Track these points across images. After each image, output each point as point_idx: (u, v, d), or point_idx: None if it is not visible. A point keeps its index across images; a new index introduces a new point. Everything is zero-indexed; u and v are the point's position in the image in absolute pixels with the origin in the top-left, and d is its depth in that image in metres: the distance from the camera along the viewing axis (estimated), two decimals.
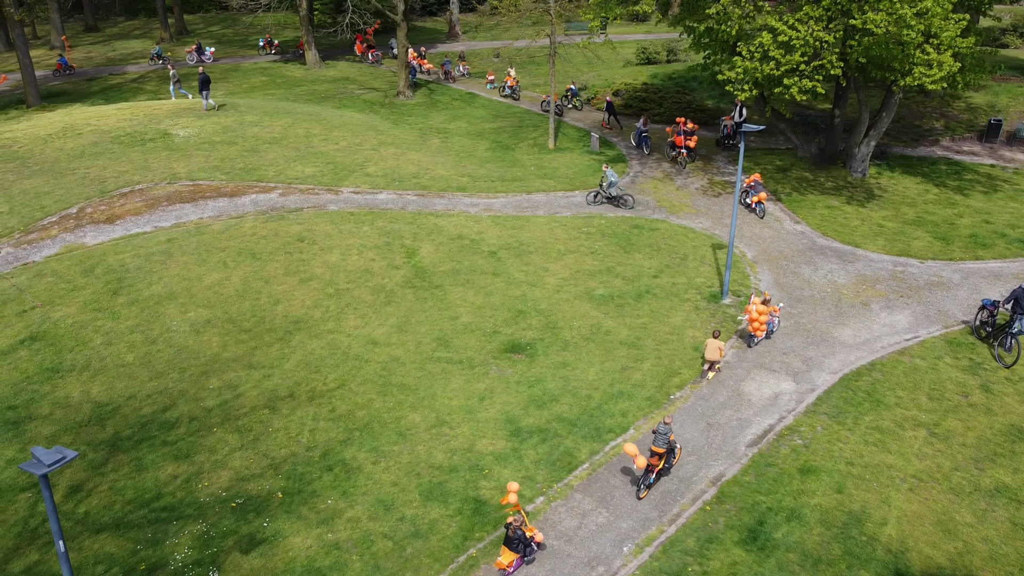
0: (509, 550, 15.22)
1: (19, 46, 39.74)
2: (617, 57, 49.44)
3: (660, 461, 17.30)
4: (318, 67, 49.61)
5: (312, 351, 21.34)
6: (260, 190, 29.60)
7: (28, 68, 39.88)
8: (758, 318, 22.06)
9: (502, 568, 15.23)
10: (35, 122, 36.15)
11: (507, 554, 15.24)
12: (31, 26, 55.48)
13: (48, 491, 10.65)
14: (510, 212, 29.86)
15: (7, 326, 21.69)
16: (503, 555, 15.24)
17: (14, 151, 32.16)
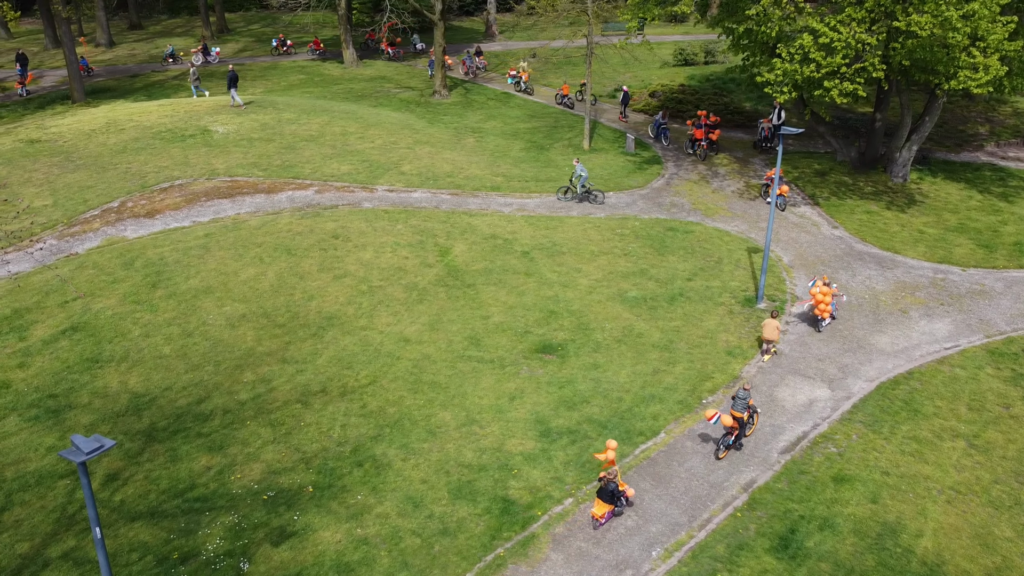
0: (603, 501, 16.33)
1: (66, 43, 40.62)
2: (654, 58, 49.12)
3: (739, 426, 18.32)
4: (355, 66, 50.00)
5: (344, 347, 21.50)
6: (296, 187, 29.91)
7: (74, 65, 40.76)
8: (823, 299, 22.56)
9: (596, 518, 16.38)
10: (80, 117, 36.91)
11: (600, 505, 16.37)
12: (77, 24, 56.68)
13: (86, 478, 10.85)
14: (544, 212, 29.82)
15: (50, 316, 22.17)
16: (597, 506, 16.39)
17: (59, 146, 32.88)
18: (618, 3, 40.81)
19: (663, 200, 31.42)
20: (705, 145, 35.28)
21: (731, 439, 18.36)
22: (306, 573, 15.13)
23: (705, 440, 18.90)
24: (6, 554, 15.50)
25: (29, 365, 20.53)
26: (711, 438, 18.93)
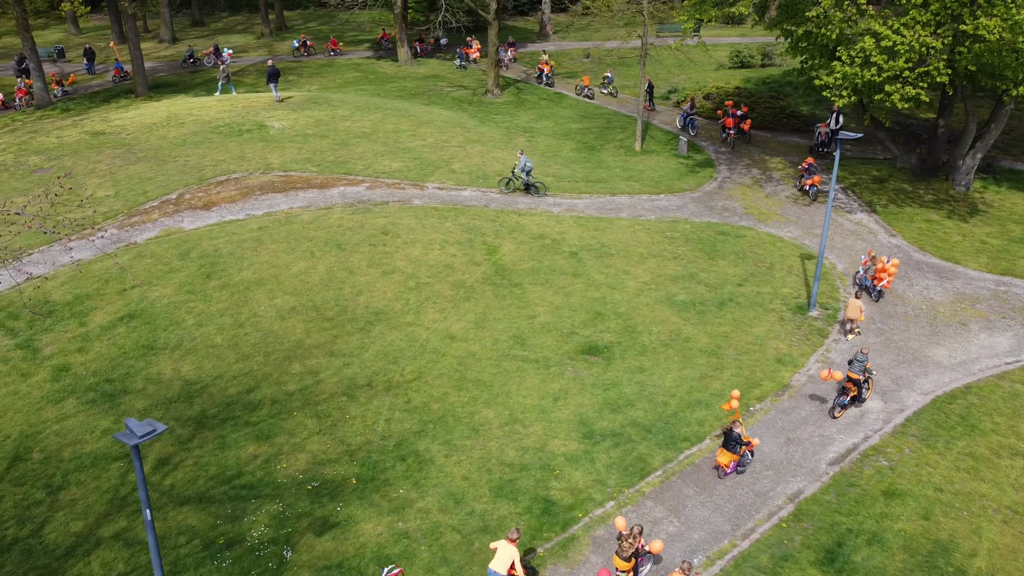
0: (727, 451, 17.18)
1: (131, 39, 41.80)
2: (710, 60, 48.52)
3: (855, 387, 19.19)
4: (410, 64, 50.43)
5: (391, 342, 21.69)
6: (348, 183, 30.28)
7: (138, 60, 41.91)
8: (888, 267, 24.11)
9: (721, 466, 17.37)
10: (142, 111, 37.94)
11: (725, 455, 17.27)
12: (142, 20, 58.28)
13: (139, 461, 11.12)
14: (593, 213, 29.67)
15: (109, 303, 22.83)
16: (721, 455, 17.31)
17: (122, 138, 33.84)
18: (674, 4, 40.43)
19: (715, 204, 31.01)
20: (734, 134, 36.56)
21: (846, 399, 19.39)
22: (347, 564, 15.30)
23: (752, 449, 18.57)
24: (61, 532, 16.00)
25: (88, 350, 21.17)
26: (757, 447, 18.59)
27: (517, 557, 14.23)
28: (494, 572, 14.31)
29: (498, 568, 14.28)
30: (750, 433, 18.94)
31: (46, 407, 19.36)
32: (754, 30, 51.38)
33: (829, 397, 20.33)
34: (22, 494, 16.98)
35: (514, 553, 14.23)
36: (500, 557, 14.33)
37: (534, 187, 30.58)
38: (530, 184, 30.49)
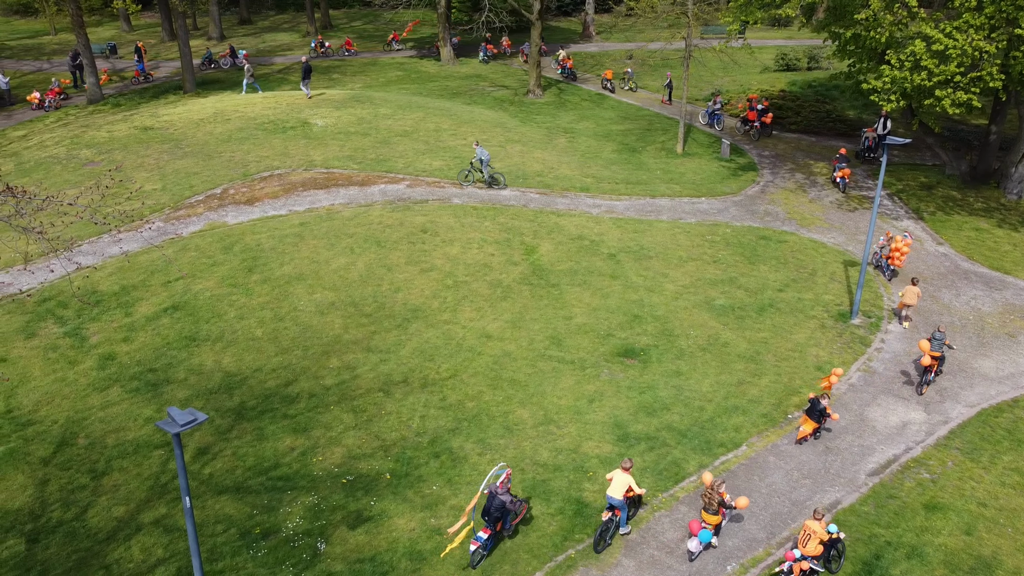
0: (810, 419, 18.24)
1: (180, 36, 42.64)
2: (754, 63, 47.93)
3: (936, 363, 20.16)
4: (452, 63, 50.67)
5: (427, 340, 21.81)
6: (389, 181, 30.52)
7: (187, 57, 42.74)
8: (900, 247, 25.21)
9: (804, 436, 18.36)
10: (190, 107, 38.68)
11: (808, 423, 18.31)
12: (191, 17, 59.41)
13: (179, 449, 11.34)
14: (632, 215, 29.51)
15: (154, 294, 23.32)
16: (805, 423, 18.35)
17: (170, 133, 34.54)
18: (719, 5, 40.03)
19: (757, 208, 30.64)
20: (758, 126, 37.87)
21: (931, 376, 20.26)
22: (380, 558, 15.42)
23: (788, 457, 18.31)
24: (104, 516, 16.38)
25: (133, 340, 21.64)
26: (794, 455, 18.33)
27: (632, 482, 15.79)
28: (612, 497, 15.76)
29: (615, 493, 15.72)
30: (787, 442, 18.68)
31: (92, 394, 19.85)
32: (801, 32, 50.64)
33: (869, 406, 19.96)
34: (67, 478, 17.42)
35: (629, 479, 15.77)
36: (616, 484, 15.80)
37: (494, 179, 30.56)
38: (492, 176, 30.51)
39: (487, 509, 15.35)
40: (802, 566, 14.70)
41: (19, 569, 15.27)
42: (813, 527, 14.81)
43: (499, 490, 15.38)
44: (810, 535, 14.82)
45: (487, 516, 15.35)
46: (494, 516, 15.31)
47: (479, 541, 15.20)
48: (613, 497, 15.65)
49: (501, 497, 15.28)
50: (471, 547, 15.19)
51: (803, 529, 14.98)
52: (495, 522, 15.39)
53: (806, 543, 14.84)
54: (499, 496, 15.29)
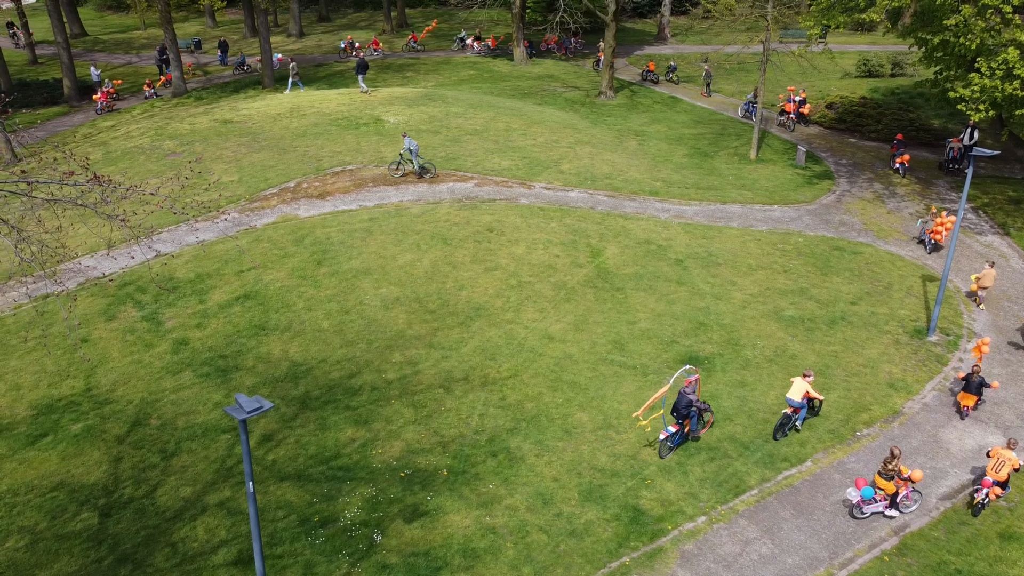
0: (968, 394, 19.20)
1: (262, 32, 43.82)
2: (835, 68, 46.62)
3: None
4: (524, 63, 50.75)
5: (489, 339, 21.87)
6: (457, 179, 30.74)
7: (267, 53, 43.90)
8: (944, 222, 26.22)
9: (965, 407, 19.29)
10: (268, 102, 39.72)
11: (967, 397, 19.24)
12: (273, 15, 60.99)
13: (245, 435, 11.62)
14: (702, 221, 29.04)
15: (227, 283, 24.01)
16: (964, 399, 19.25)
17: (248, 127, 35.53)
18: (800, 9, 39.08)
19: (831, 217, 29.78)
20: (795, 118, 39.29)
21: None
22: (434, 553, 15.53)
23: (855, 475, 17.72)
24: (172, 496, 16.94)
25: (206, 326, 22.33)
26: (862, 474, 17.73)
27: (810, 388, 18.23)
28: (791, 399, 18.27)
29: (794, 396, 18.25)
30: (855, 460, 18.11)
31: (165, 377, 20.55)
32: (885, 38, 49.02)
33: (944, 428, 19.17)
34: (139, 457, 18.08)
35: (807, 386, 18.17)
36: (795, 389, 18.29)
37: (424, 168, 30.56)
38: (422, 166, 30.53)
39: (676, 406, 17.84)
40: (996, 491, 16.46)
41: (92, 541, 15.92)
42: (1007, 455, 16.35)
43: (687, 389, 17.79)
44: (1004, 462, 16.32)
45: (675, 413, 17.86)
46: (682, 413, 17.75)
47: (668, 433, 17.66)
48: (792, 399, 18.29)
49: (688, 396, 17.69)
50: (660, 437, 17.75)
51: (996, 457, 16.49)
52: (683, 419, 17.82)
53: (999, 470, 16.34)
54: (687, 395, 17.68)
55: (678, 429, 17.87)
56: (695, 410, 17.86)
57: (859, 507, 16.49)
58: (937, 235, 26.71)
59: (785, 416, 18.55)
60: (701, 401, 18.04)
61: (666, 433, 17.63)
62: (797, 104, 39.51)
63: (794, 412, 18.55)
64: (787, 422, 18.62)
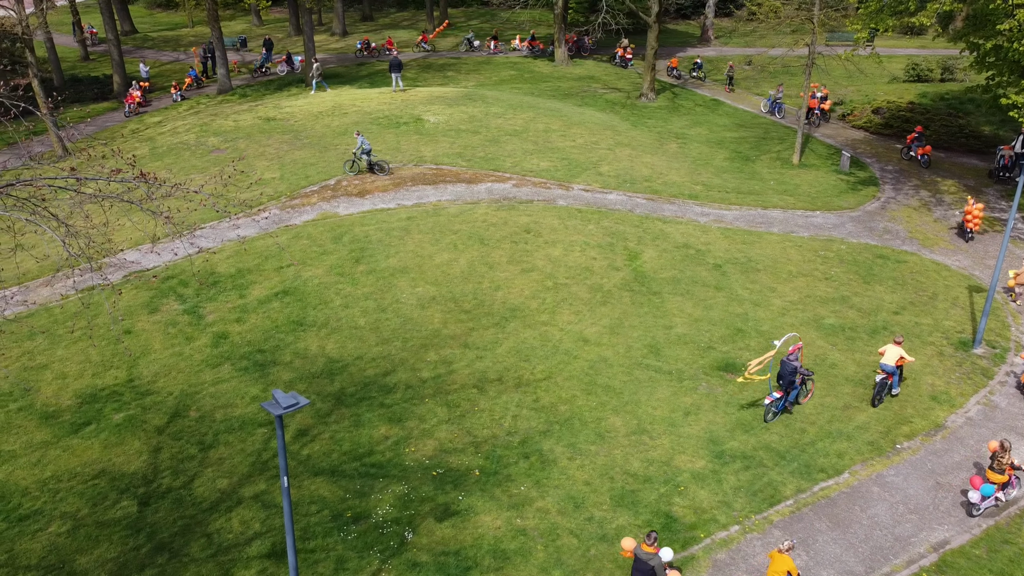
0: None
1: (306, 31, 44.38)
2: (882, 72, 45.76)
3: None
4: (565, 64, 50.64)
5: (524, 340, 21.86)
6: (496, 179, 30.78)
7: (311, 51, 44.41)
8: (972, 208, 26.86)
9: None
10: (311, 100, 40.18)
11: None
12: (317, 13, 61.70)
13: (281, 431, 11.76)
14: (742, 226, 28.69)
15: (266, 279, 24.35)
16: None
17: (290, 125, 35.98)
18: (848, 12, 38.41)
19: (875, 225, 29.22)
20: (819, 113, 40.03)
21: None
22: (465, 553, 15.57)
23: (894, 489, 17.37)
24: (209, 487, 17.22)
25: (245, 321, 22.66)
26: (901, 487, 17.36)
27: (903, 352, 19.36)
28: (885, 364, 19.32)
29: (888, 361, 19.34)
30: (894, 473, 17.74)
31: (205, 370, 20.90)
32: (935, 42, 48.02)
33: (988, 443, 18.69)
34: (178, 448, 18.42)
35: (900, 351, 19.31)
36: (889, 354, 19.39)
37: (379, 166, 30.65)
38: (373, 163, 30.61)
39: (780, 373, 18.83)
40: None
41: (131, 529, 16.25)
42: None
43: (791, 356, 18.64)
44: None
45: (781, 380, 18.87)
46: (787, 380, 18.67)
47: (772, 398, 18.66)
48: (886, 365, 19.30)
49: (793, 363, 18.53)
50: (765, 402, 18.88)
51: None
52: (787, 386, 18.70)
53: None
54: (791, 362, 18.54)
55: (782, 395, 18.87)
56: (799, 377, 18.77)
57: (977, 505, 16.61)
58: (968, 223, 27.57)
59: (881, 383, 19.42)
60: (805, 368, 19.00)
61: (771, 398, 18.68)
62: (819, 101, 40.34)
63: (887, 377, 19.44)
64: (883, 388, 19.52)
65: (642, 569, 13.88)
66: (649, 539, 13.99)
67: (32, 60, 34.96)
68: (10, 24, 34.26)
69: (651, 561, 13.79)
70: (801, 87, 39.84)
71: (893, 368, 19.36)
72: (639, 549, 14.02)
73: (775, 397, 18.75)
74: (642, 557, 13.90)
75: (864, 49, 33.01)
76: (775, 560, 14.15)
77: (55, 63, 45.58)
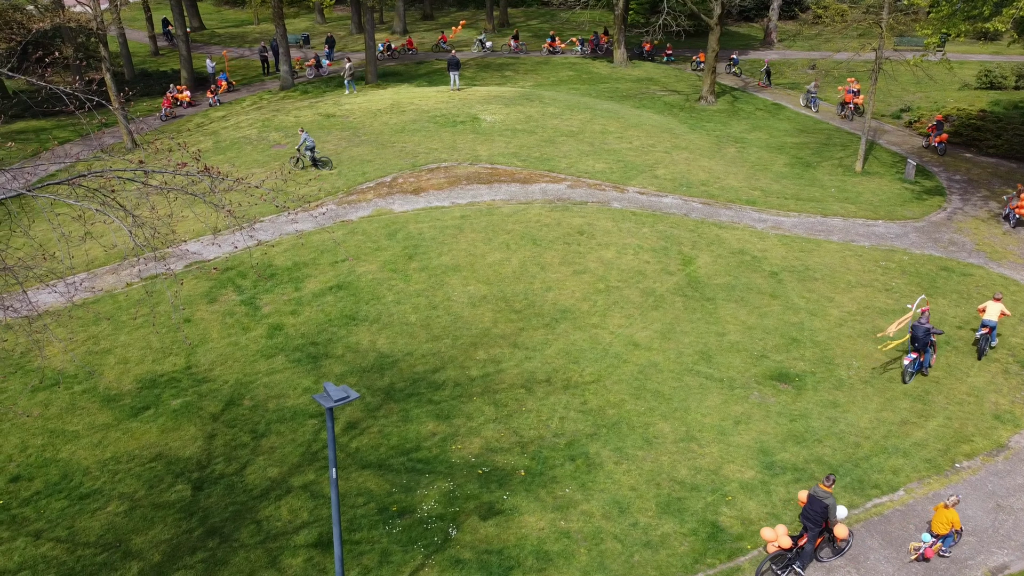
0: None
1: (367, 30, 44.98)
2: (953, 79, 44.35)
3: None
4: (624, 65, 50.33)
5: (574, 342, 21.79)
6: (550, 180, 30.75)
7: (371, 49, 45.03)
8: None
9: None
10: (370, 98, 40.72)
11: None
12: (379, 12, 62.48)
13: (331, 423, 11.96)
14: (800, 233, 28.12)
15: (322, 273, 24.76)
16: None
17: (349, 122, 36.51)
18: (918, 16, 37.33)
19: (941, 236, 28.35)
20: (853, 108, 40.97)
21: None
22: (508, 552, 15.59)
23: None
24: (260, 475, 17.59)
25: (299, 313, 23.08)
26: (960, 508, 16.79)
27: (1004, 308, 21.00)
28: (988, 320, 20.96)
29: (991, 317, 20.96)
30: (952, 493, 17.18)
31: (259, 360, 21.36)
32: (1011, 48, 46.34)
33: None
34: (232, 435, 18.85)
35: (1001, 306, 20.95)
36: (991, 310, 20.96)
37: (322, 162, 31.12)
38: (317, 160, 31.09)
39: (914, 336, 19.97)
40: None
41: (184, 512, 16.70)
42: None
43: (922, 320, 19.76)
44: None
45: (916, 343, 20.05)
46: (922, 342, 19.94)
47: (910, 358, 19.95)
48: (989, 320, 20.94)
49: (925, 325, 19.69)
50: (904, 362, 20.11)
51: None
52: (922, 348, 20.00)
53: None
54: (923, 324, 19.69)
55: (917, 356, 20.07)
56: (932, 339, 19.98)
57: None
58: (1020, 210, 28.44)
59: (983, 337, 20.95)
60: (937, 328, 20.25)
61: (908, 359, 19.96)
62: (854, 95, 41.17)
63: (988, 332, 20.90)
64: (985, 342, 21.04)
65: (815, 508, 14.95)
66: (828, 480, 15.05)
67: (105, 55, 36.15)
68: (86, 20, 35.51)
69: (826, 500, 14.87)
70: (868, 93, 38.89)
71: (995, 323, 20.98)
72: (816, 488, 15.12)
73: (912, 358, 19.94)
74: (818, 495, 14.98)
75: (934, 55, 32.05)
76: (939, 512, 15.43)
77: (127, 58, 47.10)
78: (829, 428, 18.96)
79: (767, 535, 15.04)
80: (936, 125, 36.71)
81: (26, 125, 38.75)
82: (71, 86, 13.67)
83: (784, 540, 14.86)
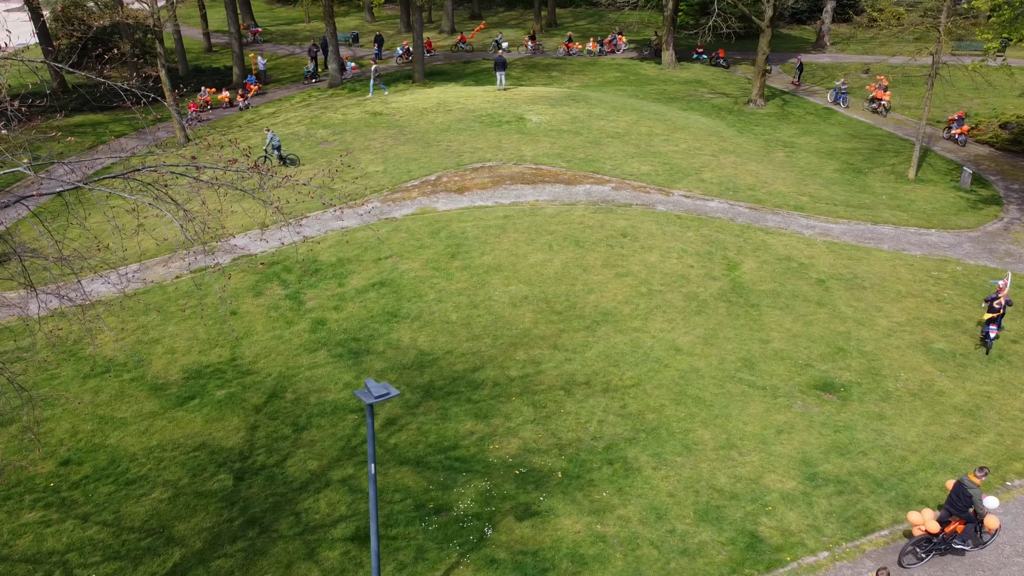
0: None
1: (415, 29, 45.28)
2: (1013, 85, 43.08)
3: None
4: (672, 67, 49.89)
5: (614, 345, 21.66)
6: (595, 181, 30.61)
7: (419, 48, 45.31)
8: None
9: None
10: (416, 96, 40.99)
11: None
12: (428, 11, 62.86)
13: (371, 419, 12.05)
14: (849, 240, 27.57)
15: (365, 269, 25.00)
16: None
17: (396, 120, 36.81)
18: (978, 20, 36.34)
19: (996, 246, 27.55)
20: (882, 104, 41.41)
21: None
22: (543, 554, 15.56)
23: (1002, 529, 16.31)
24: (300, 468, 17.83)
25: (342, 309, 23.34)
26: (1009, 528, 16.30)
27: None
28: None
29: None
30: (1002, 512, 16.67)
31: (302, 354, 21.65)
32: None
33: None
34: (273, 427, 19.14)
35: None
36: None
37: (289, 159, 31.61)
38: (284, 157, 31.60)
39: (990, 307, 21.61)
40: None
41: (225, 501, 17.00)
42: None
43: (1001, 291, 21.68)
44: None
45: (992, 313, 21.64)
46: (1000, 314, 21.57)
47: (993, 331, 21.53)
48: None
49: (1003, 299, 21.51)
50: (991, 335, 21.57)
51: None
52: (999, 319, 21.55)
53: None
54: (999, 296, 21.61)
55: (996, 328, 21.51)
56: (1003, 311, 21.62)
57: None
58: None
59: None
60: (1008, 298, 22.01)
61: (994, 331, 21.45)
62: (884, 91, 41.78)
63: None
64: None
65: (961, 494, 15.18)
66: (979, 472, 15.31)
67: (161, 51, 37.00)
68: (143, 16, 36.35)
69: (972, 490, 15.05)
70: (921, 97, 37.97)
71: None
72: (965, 477, 15.32)
73: (991, 330, 21.40)
74: (965, 484, 15.19)
75: (994, 60, 31.15)
76: None
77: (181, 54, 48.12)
78: (874, 440, 18.55)
79: (914, 518, 15.33)
80: (957, 119, 37.70)
81: (84, 119, 39.84)
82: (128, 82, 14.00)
83: (932, 525, 15.07)
